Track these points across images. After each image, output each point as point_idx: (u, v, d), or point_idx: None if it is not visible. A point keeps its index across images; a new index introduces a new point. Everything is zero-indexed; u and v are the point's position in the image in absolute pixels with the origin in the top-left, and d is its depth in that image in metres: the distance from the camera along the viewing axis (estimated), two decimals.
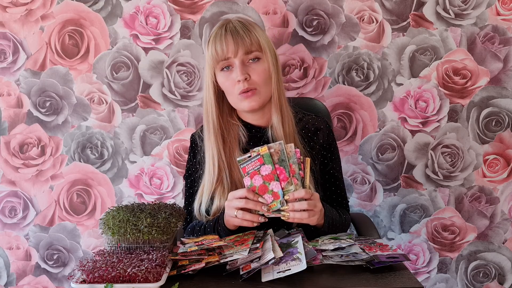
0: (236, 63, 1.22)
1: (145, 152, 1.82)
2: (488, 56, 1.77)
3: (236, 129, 1.30)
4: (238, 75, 1.21)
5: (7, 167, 1.83)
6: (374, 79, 1.78)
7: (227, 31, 1.22)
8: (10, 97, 1.81)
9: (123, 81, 1.79)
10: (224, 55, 1.22)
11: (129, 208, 1.13)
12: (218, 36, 1.23)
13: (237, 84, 1.23)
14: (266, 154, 1.10)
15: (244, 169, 1.12)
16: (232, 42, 1.21)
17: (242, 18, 1.28)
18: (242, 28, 1.23)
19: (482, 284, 1.89)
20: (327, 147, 1.34)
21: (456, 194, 1.84)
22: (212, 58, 1.23)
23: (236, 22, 1.25)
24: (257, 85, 1.23)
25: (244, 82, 1.21)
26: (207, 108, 1.29)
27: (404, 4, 1.75)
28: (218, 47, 1.22)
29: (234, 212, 1.11)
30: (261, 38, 1.24)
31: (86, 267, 0.98)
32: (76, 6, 1.76)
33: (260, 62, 1.24)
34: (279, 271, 0.97)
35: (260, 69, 1.23)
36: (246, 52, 1.22)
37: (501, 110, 1.80)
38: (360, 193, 1.84)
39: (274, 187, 1.10)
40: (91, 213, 1.85)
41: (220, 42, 1.22)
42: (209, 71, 1.26)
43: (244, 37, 1.21)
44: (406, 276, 0.98)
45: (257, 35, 1.24)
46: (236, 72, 1.22)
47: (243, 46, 1.21)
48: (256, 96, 1.24)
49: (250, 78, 1.23)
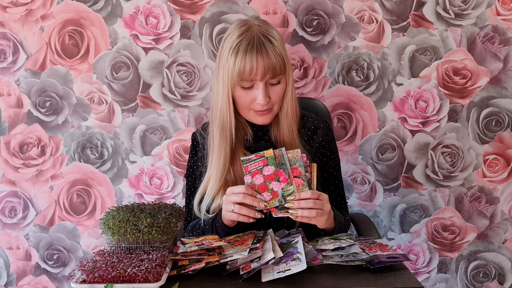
0: (260, 86, 1.19)
1: (145, 152, 1.82)
2: (488, 56, 1.77)
3: (242, 126, 1.30)
4: (261, 99, 1.19)
5: (7, 167, 1.83)
6: (374, 79, 1.78)
7: (257, 49, 1.17)
8: (10, 97, 1.81)
9: (123, 81, 1.79)
10: (252, 77, 1.18)
11: (129, 208, 1.13)
12: (248, 53, 1.17)
13: (254, 102, 1.22)
14: (271, 156, 1.14)
15: (246, 168, 1.14)
16: (262, 65, 1.17)
17: (264, 28, 1.22)
18: (270, 48, 1.18)
19: (482, 284, 1.89)
20: (326, 145, 1.34)
21: (456, 194, 1.84)
22: (238, 74, 1.18)
23: (261, 36, 1.19)
24: (273, 104, 1.24)
25: (263, 105, 1.21)
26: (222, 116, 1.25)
27: (404, 4, 1.75)
28: (247, 66, 1.17)
29: (231, 206, 1.11)
30: (285, 57, 1.21)
31: (86, 267, 0.98)
32: (76, 6, 1.76)
33: (281, 83, 1.23)
34: (279, 271, 0.97)
35: (280, 90, 1.23)
36: (272, 77, 1.20)
37: (501, 110, 1.80)
38: (360, 193, 1.84)
39: (275, 186, 1.11)
40: (91, 213, 1.85)
41: (250, 62, 1.16)
42: (228, 81, 1.21)
43: (274, 60, 1.17)
44: (406, 276, 0.98)
45: (283, 55, 1.20)
46: (258, 95, 1.20)
47: (271, 71, 1.18)
48: (270, 114, 1.25)
49: (270, 100, 1.22)
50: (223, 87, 1.23)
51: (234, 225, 1.18)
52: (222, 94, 1.23)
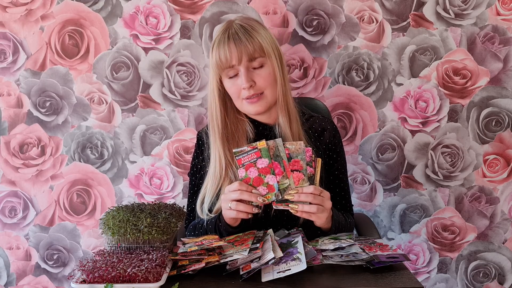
0: (241, 70, 1.22)
1: (145, 152, 1.82)
2: (488, 56, 1.77)
3: (244, 125, 1.31)
4: (243, 83, 1.22)
5: (7, 167, 1.83)
6: (374, 79, 1.78)
7: (230, 37, 1.22)
8: (10, 97, 1.81)
9: (123, 81, 1.79)
10: (228, 63, 1.22)
11: (129, 208, 1.13)
12: (222, 43, 1.22)
13: (242, 91, 1.24)
14: (264, 148, 1.12)
15: (239, 161, 1.13)
16: (235, 50, 1.21)
17: (244, 20, 1.27)
18: (245, 34, 1.22)
19: (482, 284, 1.89)
20: (332, 148, 1.34)
21: (456, 194, 1.84)
22: (217, 65, 1.24)
23: (238, 26, 1.24)
24: (262, 89, 1.24)
25: (249, 89, 1.22)
26: (211, 112, 1.30)
27: (404, 4, 1.75)
28: (222, 55, 1.22)
29: (229, 204, 1.12)
30: (264, 42, 1.23)
31: (86, 267, 0.98)
32: (76, 6, 1.76)
33: (264, 67, 1.24)
34: (279, 271, 0.97)
35: (265, 74, 1.24)
36: (249, 59, 1.22)
37: (501, 110, 1.80)
38: (360, 193, 1.84)
39: (270, 180, 1.11)
40: (91, 213, 1.85)
41: (224, 50, 1.21)
42: (213, 76, 1.27)
43: (246, 44, 1.21)
44: (406, 276, 0.98)
45: (260, 39, 1.23)
46: (241, 79, 1.22)
47: (246, 53, 1.21)
48: (262, 100, 1.25)
49: (256, 84, 1.23)
50: (212, 82, 1.29)
51: (237, 225, 1.18)
52: (211, 89, 1.29)
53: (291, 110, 1.29)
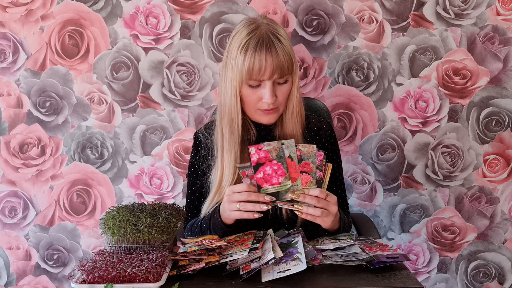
0: (268, 85, 1.19)
1: (145, 152, 1.82)
2: (488, 56, 1.77)
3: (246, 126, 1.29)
4: (268, 98, 1.19)
5: (7, 167, 1.83)
6: (374, 79, 1.78)
7: (265, 47, 1.16)
8: (10, 97, 1.81)
9: (123, 81, 1.79)
10: (261, 76, 1.17)
11: (129, 208, 1.13)
12: (256, 51, 1.16)
13: (261, 101, 1.21)
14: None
15: (243, 173, 1.13)
16: (270, 64, 1.16)
17: (273, 27, 1.20)
18: (279, 47, 1.17)
19: (482, 284, 1.89)
20: (328, 146, 1.34)
21: (456, 194, 1.84)
22: (247, 72, 1.17)
23: (270, 34, 1.17)
24: (279, 104, 1.23)
25: (270, 104, 1.20)
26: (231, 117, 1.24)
27: (404, 4, 1.75)
28: (256, 65, 1.16)
29: (236, 205, 1.11)
30: (293, 56, 1.20)
31: (86, 267, 0.98)
32: (76, 6, 1.76)
33: (288, 83, 1.22)
34: (279, 271, 0.97)
35: (286, 90, 1.23)
36: (280, 76, 1.19)
37: (501, 110, 1.80)
38: (360, 193, 1.84)
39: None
40: (91, 213, 1.85)
41: (259, 60, 1.15)
42: (236, 80, 1.20)
43: (282, 60, 1.17)
44: (406, 276, 0.98)
45: (291, 54, 1.19)
46: (266, 94, 1.19)
47: (279, 71, 1.17)
48: (277, 113, 1.25)
49: (277, 99, 1.21)
50: (231, 85, 1.21)
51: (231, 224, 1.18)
52: (230, 92, 1.22)
53: (303, 116, 1.30)
